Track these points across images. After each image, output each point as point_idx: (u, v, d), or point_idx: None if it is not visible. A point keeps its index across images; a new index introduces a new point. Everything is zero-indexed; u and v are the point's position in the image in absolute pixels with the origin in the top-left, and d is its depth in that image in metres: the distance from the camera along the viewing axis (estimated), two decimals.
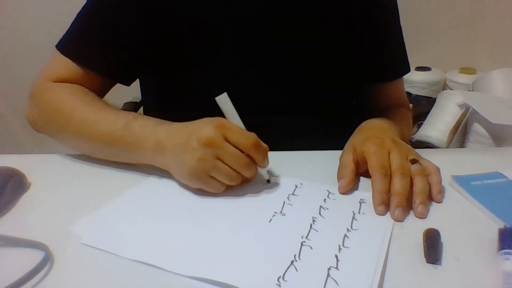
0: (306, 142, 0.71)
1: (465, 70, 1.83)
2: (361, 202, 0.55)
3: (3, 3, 1.65)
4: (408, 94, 1.77)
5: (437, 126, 1.58)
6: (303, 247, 0.46)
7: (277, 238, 0.47)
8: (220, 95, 0.55)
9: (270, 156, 0.67)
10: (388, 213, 0.52)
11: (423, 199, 0.53)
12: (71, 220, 0.50)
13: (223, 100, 0.55)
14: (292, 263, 0.43)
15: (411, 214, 0.52)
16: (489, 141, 1.33)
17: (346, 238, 0.47)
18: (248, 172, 0.54)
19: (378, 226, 0.50)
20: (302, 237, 0.47)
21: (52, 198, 0.56)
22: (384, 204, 0.52)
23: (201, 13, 0.68)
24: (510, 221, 0.48)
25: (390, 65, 0.83)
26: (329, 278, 0.41)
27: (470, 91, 1.67)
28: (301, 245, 0.46)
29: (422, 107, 1.73)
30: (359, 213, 0.52)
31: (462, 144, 1.48)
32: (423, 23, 1.79)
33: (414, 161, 0.56)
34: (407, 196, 0.53)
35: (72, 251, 0.46)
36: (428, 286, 0.41)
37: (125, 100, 1.05)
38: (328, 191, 0.57)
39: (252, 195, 0.56)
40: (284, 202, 0.54)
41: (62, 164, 0.65)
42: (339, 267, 0.42)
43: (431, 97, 1.79)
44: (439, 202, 0.55)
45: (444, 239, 0.47)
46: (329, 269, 0.42)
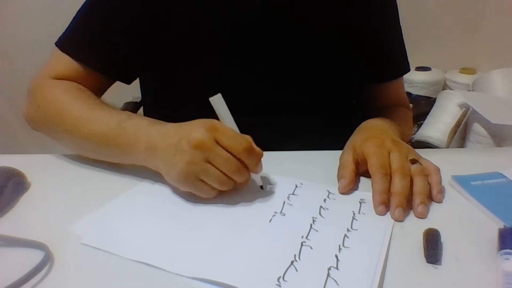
0: (306, 141, 0.71)
1: (465, 70, 1.83)
2: (361, 202, 0.55)
3: (3, 3, 1.65)
4: (408, 94, 1.77)
5: (437, 126, 1.58)
6: (303, 247, 0.46)
7: (277, 238, 0.47)
8: (214, 96, 0.52)
9: (270, 156, 0.67)
10: (388, 213, 0.52)
11: (423, 199, 0.53)
12: (71, 220, 0.50)
13: (217, 101, 0.52)
14: (292, 263, 0.43)
15: (411, 214, 0.52)
16: (489, 141, 1.33)
17: (346, 238, 0.47)
18: (240, 177, 0.52)
19: (378, 226, 0.50)
20: (302, 237, 0.47)
21: (52, 198, 0.56)
22: (384, 204, 0.52)
23: (200, 11, 0.68)
24: (510, 221, 0.48)
25: (390, 64, 0.83)
26: (329, 278, 0.41)
27: (470, 91, 1.67)
28: (301, 245, 0.46)
29: (422, 107, 1.73)
30: (359, 213, 0.52)
31: (462, 144, 1.48)
32: (423, 23, 1.79)
33: (414, 161, 0.56)
34: (407, 196, 0.53)
35: (72, 251, 0.46)
36: (428, 286, 0.41)
37: (125, 100, 1.05)
38: (328, 191, 0.57)
39: (252, 195, 0.55)
40: (284, 202, 0.54)
41: (62, 164, 0.65)
42: (339, 267, 0.42)
43: (431, 97, 1.80)
44: (439, 202, 0.55)
45: (444, 239, 0.47)
46: (329, 269, 0.42)
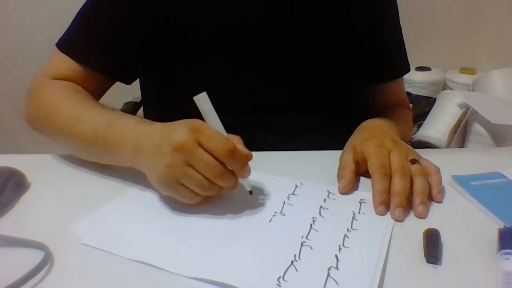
0: (306, 141, 0.71)
1: (465, 70, 1.83)
2: (361, 202, 0.55)
3: (3, 3, 1.65)
4: (408, 94, 1.77)
5: (437, 126, 1.58)
6: (303, 247, 0.46)
7: (277, 238, 0.47)
8: (199, 94, 0.48)
9: (270, 156, 0.67)
10: (388, 213, 0.52)
11: (423, 199, 0.53)
12: (71, 220, 0.50)
13: (201, 100, 0.48)
14: (292, 263, 0.43)
15: (411, 214, 0.52)
16: (489, 141, 1.33)
17: (346, 238, 0.47)
18: (224, 182, 0.49)
19: (378, 226, 0.50)
20: (302, 237, 0.47)
21: (52, 198, 0.56)
22: (384, 204, 0.52)
23: (201, 11, 0.68)
24: (510, 221, 0.48)
25: (390, 65, 0.83)
26: (329, 278, 0.41)
27: (470, 91, 1.67)
28: (301, 245, 0.46)
29: (422, 107, 1.73)
30: (359, 213, 0.52)
31: (462, 144, 1.48)
32: (423, 23, 1.79)
33: (414, 161, 0.56)
34: (407, 196, 0.53)
35: (72, 251, 0.46)
36: (428, 286, 0.41)
37: (125, 100, 1.05)
38: (328, 191, 0.57)
39: (252, 195, 0.55)
40: (284, 202, 0.54)
41: (62, 164, 0.64)
42: (339, 267, 0.42)
43: (431, 97, 1.79)
44: (439, 202, 0.55)
45: (444, 239, 0.47)
46: (329, 269, 0.42)
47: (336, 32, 0.73)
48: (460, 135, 1.50)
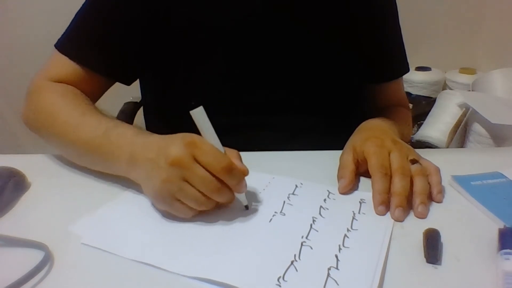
0: (306, 141, 0.71)
1: (465, 70, 1.83)
2: (361, 202, 0.55)
3: (3, 3, 1.65)
4: (408, 94, 1.77)
5: (437, 126, 1.58)
6: (303, 247, 0.46)
7: (277, 238, 0.47)
8: (195, 108, 0.47)
9: (270, 156, 0.67)
10: (388, 213, 0.52)
11: (423, 199, 0.53)
12: (71, 220, 0.50)
13: (198, 114, 0.47)
14: (292, 263, 0.43)
15: (411, 214, 0.52)
16: (489, 141, 1.33)
17: (346, 238, 0.47)
18: (220, 197, 0.49)
19: (378, 226, 0.50)
20: (302, 237, 0.47)
21: (52, 198, 0.56)
22: (384, 204, 0.52)
23: (201, 11, 0.68)
24: (510, 221, 0.48)
25: (390, 65, 0.83)
26: (329, 278, 0.41)
27: (470, 91, 1.67)
28: (301, 245, 0.46)
29: (422, 107, 1.73)
30: (359, 213, 0.52)
31: (462, 144, 1.49)
32: (423, 23, 1.79)
33: (414, 161, 0.56)
34: (407, 196, 0.53)
35: (72, 251, 0.46)
36: (428, 286, 0.41)
37: (125, 100, 1.05)
38: (328, 191, 0.57)
39: (252, 195, 0.55)
40: (284, 202, 0.54)
41: (62, 164, 0.64)
42: (339, 267, 0.42)
43: (431, 97, 1.80)
44: (439, 202, 0.55)
45: (444, 239, 0.47)
46: (329, 269, 0.42)
47: (336, 32, 0.73)
48: (460, 135, 1.50)
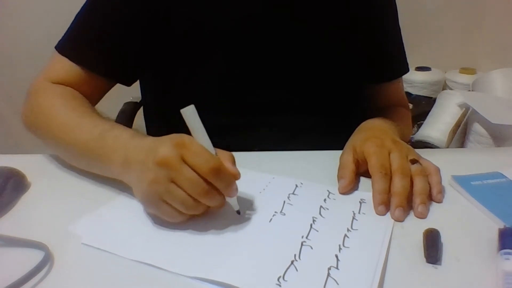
0: (306, 141, 0.71)
1: (465, 70, 1.83)
2: (361, 202, 0.55)
3: (3, 3, 1.65)
4: (408, 94, 1.77)
5: (437, 126, 1.58)
6: (303, 247, 0.46)
7: (277, 238, 0.47)
8: (186, 107, 0.46)
9: (270, 156, 0.67)
10: (388, 213, 0.52)
11: (423, 199, 0.53)
12: (71, 220, 0.50)
13: (188, 113, 0.46)
14: (292, 263, 0.43)
15: (411, 214, 0.52)
16: (489, 141, 1.33)
17: (346, 238, 0.47)
18: (209, 201, 0.47)
19: (378, 226, 0.50)
20: (302, 237, 0.47)
21: (52, 198, 0.57)
22: (384, 204, 0.52)
23: (201, 11, 0.68)
24: (510, 221, 0.48)
25: (390, 65, 0.83)
26: (329, 278, 0.41)
27: (470, 91, 1.67)
28: (301, 245, 0.46)
29: (422, 107, 1.73)
30: (359, 213, 0.52)
31: (462, 144, 1.48)
32: (423, 23, 1.79)
33: (414, 161, 0.56)
34: (407, 196, 0.53)
35: (72, 251, 0.46)
36: (428, 286, 0.41)
37: (125, 100, 1.05)
38: (328, 191, 0.57)
39: (252, 195, 0.55)
40: (284, 202, 0.54)
41: (62, 164, 0.64)
42: (339, 267, 0.42)
43: (431, 97, 1.79)
44: (439, 202, 0.55)
45: (444, 239, 0.47)
46: (329, 269, 0.42)
47: (336, 32, 0.73)
48: (460, 135, 1.50)
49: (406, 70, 0.85)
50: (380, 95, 0.86)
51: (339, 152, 0.62)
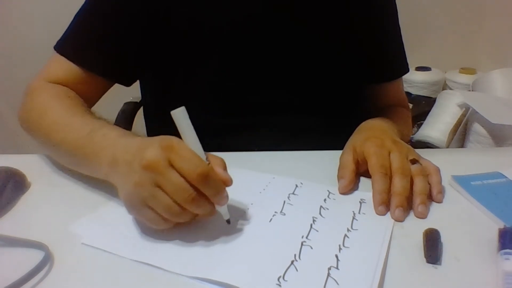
0: (306, 141, 0.71)
1: (465, 70, 1.83)
2: (361, 202, 0.55)
3: (3, 3, 1.65)
4: (408, 94, 1.77)
5: (437, 126, 1.58)
6: (303, 247, 0.46)
7: (277, 237, 0.47)
8: (176, 109, 0.44)
9: (270, 156, 0.67)
10: (388, 213, 0.52)
11: (423, 199, 0.53)
12: (71, 220, 0.50)
13: (178, 115, 0.44)
14: (292, 263, 0.43)
15: (411, 214, 0.52)
16: (489, 141, 1.33)
17: (346, 238, 0.47)
18: (196, 208, 0.44)
19: (378, 226, 0.50)
20: (303, 237, 0.47)
21: (52, 198, 0.57)
22: (384, 204, 0.52)
23: (201, 11, 0.68)
24: (510, 221, 0.48)
25: (389, 65, 0.83)
26: (329, 278, 0.41)
27: (470, 91, 1.67)
28: (301, 245, 0.46)
29: (422, 107, 1.73)
30: (359, 213, 0.52)
31: (462, 144, 1.49)
32: (423, 23, 1.79)
33: (414, 161, 0.56)
34: (407, 196, 0.53)
35: (72, 251, 0.46)
36: (428, 286, 0.41)
37: (125, 100, 1.05)
38: (328, 191, 0.57)
39: (252, 195, 0.55)
40: (284, 202, 0.54)
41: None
42: (339, 267, 0.42)
43: (431, 97, 1.79)
44: (439, 202, 0.55)
45: (444, 239, 0.47)
46: (329, 268, 0.42)
47: (336, 32, 0.73)
48: (460, 135, 1.50)
49: (406, 70, 0.85)
50: (380, 95, 0.86)
51: (339, 152, 0.62)
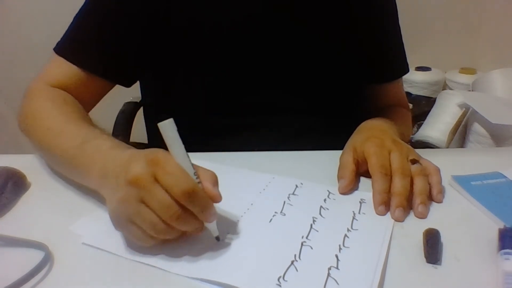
0: (306, 141, 0.71)
1: (465, 70, 1.83)
2: (361, 202, 0.55)
3: (3, 3, 1.65)
4: (408, 94, 1.77)
5: (437, 126, 1.58)
6: (303, 247, 0.46)
7: (277, 238, 0.47)
8: (164, 121, 0.42)
9: (270, 156, 0.67)
10: (388, 213, 0.52)
11: (423, 199, 0.53)
12: (71, 220, 0.50)
13: (166, 127, 0.42)
14: (292, 263, 0.43)
15: (411, 214, 0.52)
16: (489, 141, 1.33)
17: (346, 238, 0.47)
18: (182, 225, 0.42)
19: (378, 226, 0.50)
20: (303, 237, 0.47)
21: (52, 198, 0.56)
22: (384, 204, 0.52)
23: (201, 11, 0.68)
24: (510, 221, 0.48)
25: (390, 65, 0.83)
26: (329, 278, 0.41)
27: (470, 91, 1.67)
28: (302, 245, 0.46)
29: (422, 107, 1.73)
30: (359, 213, 0.52)
31: (462, 144, 1.49)
32: (423, 23, 1.79)
33: (414, 161, 0.56)
34: (407, 196, 0.53)
35: (72, 251, 0.46)
36: (428, 286, 0.41)
37: (125, 100, 1.05)
38: (328, 191, 0.57)
39: (252, 195, 0.55)
40: (284, 202, 0.54)
41: None
42: (339, 267, 0.42)
43: (431, 97, 1.80)
44: (439, 202, 0.55)
45: (444, 239, 0.47)
46: (329, 269, 0.42)
47: (336, 32, 0.73)
48: (460, 135, 1.50)
49: (406, 70, 0.85)
50: (380, 95, 0.86)
51: (339, 152, 0.62)
